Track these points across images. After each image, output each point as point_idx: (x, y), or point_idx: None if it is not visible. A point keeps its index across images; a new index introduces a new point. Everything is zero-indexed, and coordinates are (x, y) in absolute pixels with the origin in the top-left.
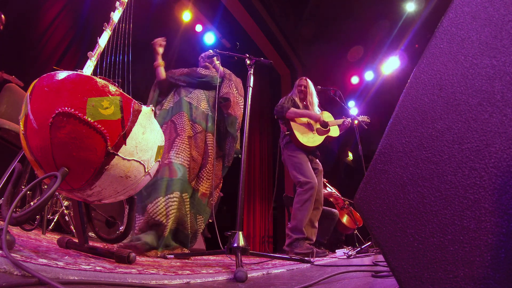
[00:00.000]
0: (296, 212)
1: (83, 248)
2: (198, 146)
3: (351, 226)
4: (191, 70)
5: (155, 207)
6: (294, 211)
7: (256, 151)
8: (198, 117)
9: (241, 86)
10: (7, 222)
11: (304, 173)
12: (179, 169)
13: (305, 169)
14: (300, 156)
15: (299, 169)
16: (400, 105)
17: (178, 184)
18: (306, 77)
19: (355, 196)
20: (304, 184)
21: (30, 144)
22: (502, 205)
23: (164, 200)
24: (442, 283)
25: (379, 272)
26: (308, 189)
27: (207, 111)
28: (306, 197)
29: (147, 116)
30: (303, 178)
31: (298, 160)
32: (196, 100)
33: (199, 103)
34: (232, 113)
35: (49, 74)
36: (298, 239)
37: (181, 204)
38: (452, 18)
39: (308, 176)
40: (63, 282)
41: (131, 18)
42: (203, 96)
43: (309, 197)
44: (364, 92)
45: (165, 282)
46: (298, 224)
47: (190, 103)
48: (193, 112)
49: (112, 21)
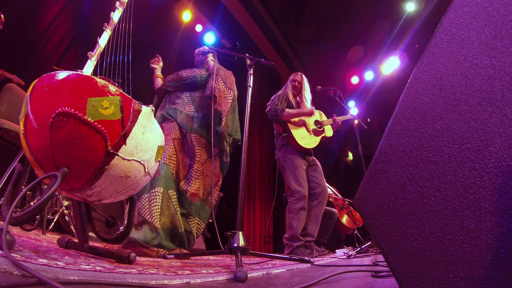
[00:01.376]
0: (291, 222)
1: (83, 248)
2: (185, 148)
3: (351, 226)
4: (175, 75)
5: (140, 203)
6: (289, 220)
7: (256, 151)
8: (182, 121)
9: (231, 79)
10: (7, 222)
11: (297, 181)
12: (162, 168)
13: (299, 177)
14: (296, 161)
15: (294, 175)
16: (400, 105)
17: (161, 180)
18: (301, 73)
19: (355, 196)
20: (296, 193)
21: (30, 144)
22: (502, 205)
23: (147, 196)
24: (442, 283)
25: (379, 272)
26: (300, 198)
27: (192, 113)
28: (299, 206)
29: (147, 116)
30: (295, 186)
31: (294, 165)
32: (182, 104)
33: (184, 107)
34: (219, 108)
35: (49, 74)
36: (298, 247)
37: (168, 201)
38: (452, 18)
39: (300, 185)
40: (63, 282)
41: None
42: (188, 99)
43: (303, 206)
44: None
45: (165, 282)
46: (295, 233)
47: (176, 108)
48: (178, 116)
49: (112, 21)
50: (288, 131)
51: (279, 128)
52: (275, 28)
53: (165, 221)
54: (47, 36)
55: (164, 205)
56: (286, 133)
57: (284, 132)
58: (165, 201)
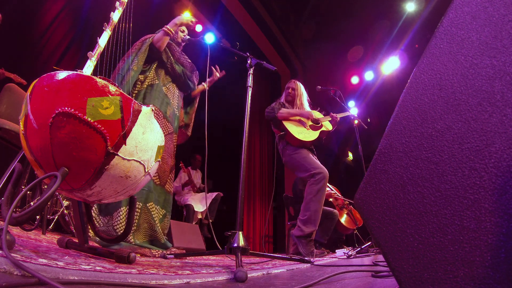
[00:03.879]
0: (308, 203)
1: (83, 248)
2: (169, 148)
3: (351, 226)
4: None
5: (118, 218)
6: (306, 202)
7: (256, 151)
8: (171, 116)
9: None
10: (7, 222)
11: (313, 164)
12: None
13: (313, 161)
14: (303, 151)
15: (307, 162)
16: (400, 105)
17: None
18: (295, 80)
19: (355, 196)
20: (317, 174)
21: (30, 144)
22: (502, 205)
23: (125, 210)
24: (442, 283)
25: (379, 272)
26: (321, 179)
27: (177, 111)
28: (319, 187)
29: (147, 116)
30: (314, 169)
31: (302, 155)
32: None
33: (173, 98)
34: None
35: (49, 74)
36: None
37: (146, 214)
38: (452, 18)
39: (318, 166)
40: (63, 282)
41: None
42: (176, 93)
43: (322, 187)
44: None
45: (165, 282)
46: (312, 215)
47: (166, 95)
48: (168, 109)
49: (112, 21)
50: (284, 129)
51: (276, 131)
52: (275, 28)
53: (141, 236)
54: (47, 36)
55: (142, 220)
56: (283, 131)
57: (281, 131)
58: (143, 215)
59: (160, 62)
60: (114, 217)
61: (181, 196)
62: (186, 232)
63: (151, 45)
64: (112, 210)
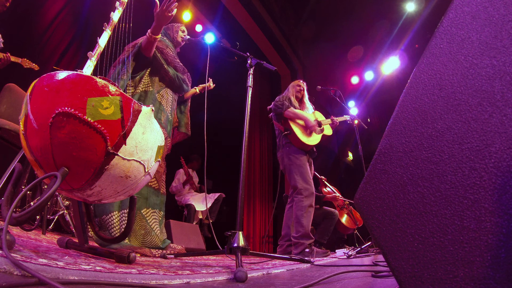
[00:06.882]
0: (301, 220)
1: (83, 248)
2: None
3: (351, 226)
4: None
5: (111, 221)
6: (297, 218)
7: (256, 151)
8: (165, 122)
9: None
10: (7, 222)
11: (304, 179)
12: None
13: (306, 174)
14: (301, 159)
15: (301, 173)
16: (400, 105)
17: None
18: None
19: (355, 196)
20: (304, 190)
21: (30, 144)
22: (502, 205)
23: (118, 215)
24: (442, 283)
25: (379, 272)
26: (309, 196)
27: (170, 116)
28: (308, 203)
29: (147, 116)
30: (303, 184)
31: (300, 163)
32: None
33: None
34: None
35: (49, 74)
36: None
37: (141, 221)
38: (452, 18)
39: (308, 182)
40: (63, 282)
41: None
42: (170, 98)
43: (311, 203)
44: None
45: (165, 282)
46: (306, 230)
47: (161, 103)
48: (162, 115)
49: (112, 21)
50: (290, 129)
51: (280, 127)
52: (275, 28)
53: (137, 243)
54: (47, 36)
55: (137, 227)
56: (288, 131)
57: (285, 130)
58: (138, 221)
59: (152, 69)
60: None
61: (181, 196)
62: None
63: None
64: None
